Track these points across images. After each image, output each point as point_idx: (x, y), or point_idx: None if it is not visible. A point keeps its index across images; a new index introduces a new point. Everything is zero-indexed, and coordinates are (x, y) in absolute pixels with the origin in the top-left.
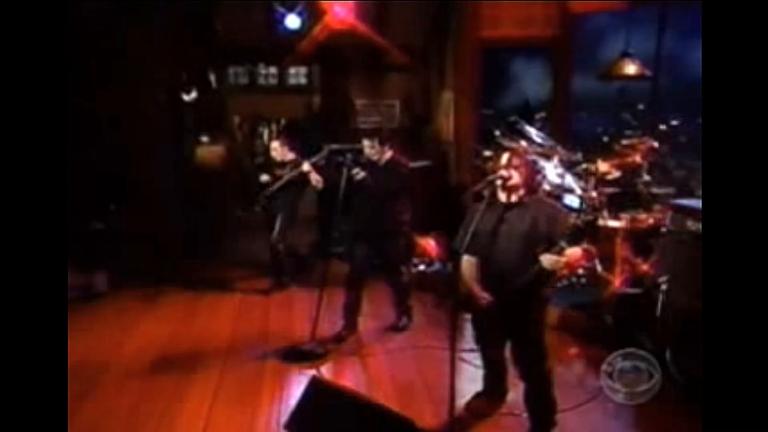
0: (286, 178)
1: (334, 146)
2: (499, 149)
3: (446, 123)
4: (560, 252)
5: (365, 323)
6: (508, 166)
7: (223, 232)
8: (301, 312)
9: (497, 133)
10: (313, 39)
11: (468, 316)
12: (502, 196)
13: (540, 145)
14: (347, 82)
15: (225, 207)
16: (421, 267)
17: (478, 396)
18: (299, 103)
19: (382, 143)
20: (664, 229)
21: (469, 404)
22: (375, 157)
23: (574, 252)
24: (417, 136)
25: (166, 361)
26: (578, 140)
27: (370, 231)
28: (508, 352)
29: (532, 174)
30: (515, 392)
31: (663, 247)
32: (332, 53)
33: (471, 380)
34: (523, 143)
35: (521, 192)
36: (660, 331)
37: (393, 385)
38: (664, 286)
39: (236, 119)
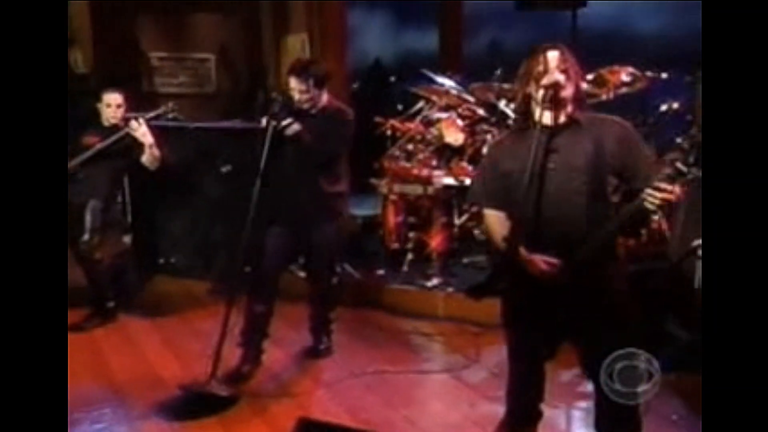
0: (101, 145)
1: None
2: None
3: None
4: (671, 180)
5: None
6: (559, 68)
7: None
8: (152, 345)
9: None
10: None
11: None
12: (546, 117)
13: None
14: (134, 27)
15: None
16: None
17: (502, 426)
18: None
19: (318, 84)
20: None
21: None
22: (306, 105)
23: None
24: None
25: None
26: None
27: (296, 212)
28: None
29: (581, 80)
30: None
31: (691, 200)
32: None
33: (463, 405)
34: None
35: (571, 107)
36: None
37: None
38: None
39: None
